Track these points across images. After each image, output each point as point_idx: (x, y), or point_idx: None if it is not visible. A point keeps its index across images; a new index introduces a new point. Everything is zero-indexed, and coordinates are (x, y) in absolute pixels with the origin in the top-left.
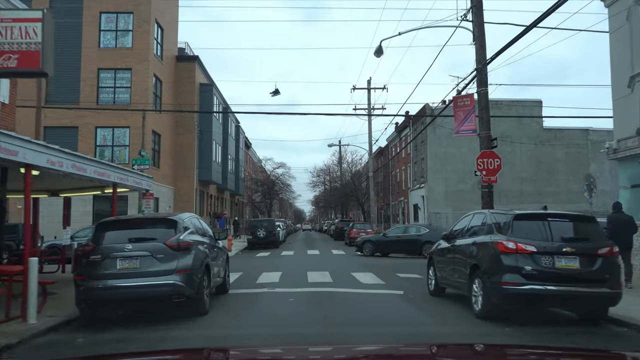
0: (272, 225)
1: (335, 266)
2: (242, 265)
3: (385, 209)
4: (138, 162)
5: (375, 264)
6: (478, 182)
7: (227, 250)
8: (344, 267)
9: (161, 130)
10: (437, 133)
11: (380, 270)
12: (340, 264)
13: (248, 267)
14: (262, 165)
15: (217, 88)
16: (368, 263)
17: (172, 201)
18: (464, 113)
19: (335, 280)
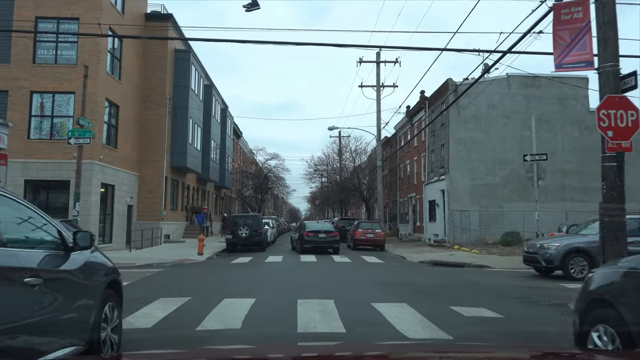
0: (257, 222)
1: (343, 287)
2: (200, 282)
3: (391, 206)
4: (75, 134)
5: (402, 283)
6: (527, 170)
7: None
8: (357, 289)
9: (120, 100)
10: (461, 115)
11: (416, 296)
12: (350, 282)
13: (207, 285)
14: (253, 156)
15: (196, 56)
16: (388, 280)
17: (136, 190)
18: (571, 33)
19: (348, 324)
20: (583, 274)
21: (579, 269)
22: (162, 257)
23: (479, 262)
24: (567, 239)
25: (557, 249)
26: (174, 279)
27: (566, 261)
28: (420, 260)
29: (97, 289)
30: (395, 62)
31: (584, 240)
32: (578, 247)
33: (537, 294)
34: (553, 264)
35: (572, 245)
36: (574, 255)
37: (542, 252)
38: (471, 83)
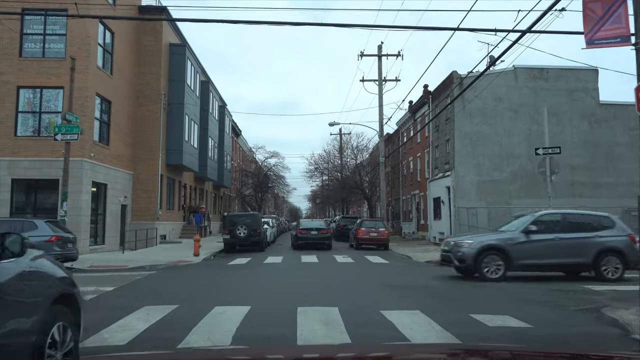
0: (255, 222)
1: (347, 291)
2: (192, 286)
3: (393, 204)
4: (62, 129)
5: (411, 285)
6: (540, 164)
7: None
8: (363, 293)
9: (112, 96)
10: (466, 109)
11: (429, 301)
12: (355, 286)
13: (198, 290)
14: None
15: (191, 51)
16: (396, 283)
17: (130, 189)
18: (604, 5)
19: (356, 337)
20: (498, 274)
21: (494, 268)
22: (156, 258)
23: None
24: (481, 237)
25: (470, 247)
26: (165, 283)
27: (479, 260)
28: (427, 260)
29: (38, 307)
30: (397, 55)
31: (500, 237)
32: (493, 245)
33: (561, 297)
34: (466, 262)
35: (487, 243)
36: (488, 253)
37: (455, 251)
38: (477, 76)
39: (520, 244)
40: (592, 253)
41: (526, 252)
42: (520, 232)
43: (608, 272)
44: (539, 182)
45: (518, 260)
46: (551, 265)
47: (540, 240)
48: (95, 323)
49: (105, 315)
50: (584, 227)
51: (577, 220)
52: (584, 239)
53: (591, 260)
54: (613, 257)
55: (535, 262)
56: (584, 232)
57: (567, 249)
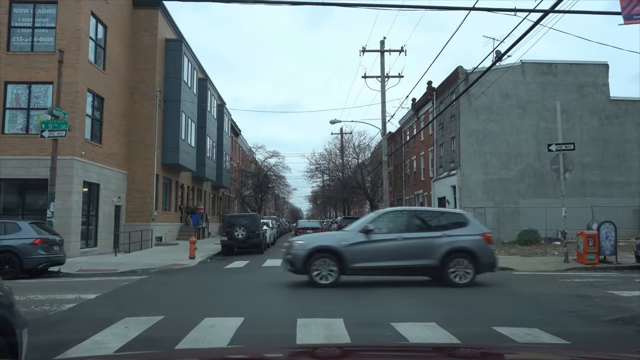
0: (254, 223)
1: (352, 298)
2: (182, 292)
3: (396, 205)
4: (49, 126)
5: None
6: (552, 161)
7: None
8: (370, 301)
9: (105, 92)
10: (472, 106)
11: (444, 311)
12: (360, 292)
13: (189, 297)
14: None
15: (188, 46)
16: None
17: (125, 189)
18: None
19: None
20: (329, 279)
21: (326, 272)
22: (150, 261)
23: (500, 264)
24: (314, 237)
25: (300, 249)
26: (154, 289)
27: (309, 263)
28: None
29: None
30: (400, 51)
31: (335, 238)
32: (325, 247)
33: (586, 304)
34: (295, 266)
35: (318, 244)
36: (320, 256)
37: (286, 253)
38: (483, 71)
39: (356, 245)
40: (439, 254)
41: (363, 254)
42: (358, 232)
43: (456, 276)
44: (548, 181)
45: (353, 263)
46: (392, 269)
47: (380, 241)
48: (65, 340)
49: (79, 329)
50: (433, 225)
51: (426, 217)
52: (431, 238)
53: (438, 262)
54: (463, 259)
55: (373, 265)
56: (432, 232)
57: (411, 250)
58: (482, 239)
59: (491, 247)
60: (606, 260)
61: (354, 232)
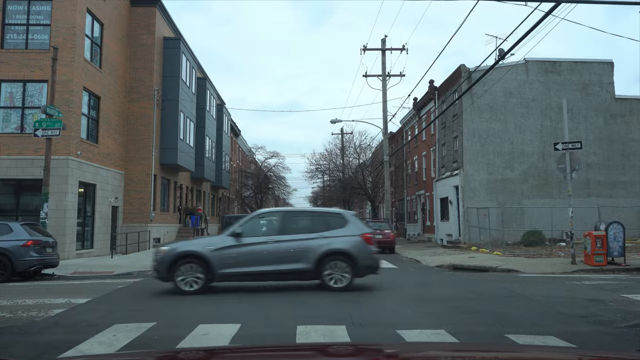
0: None
1: (355, 302)
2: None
3: (397, 205)
4: (43, 124)
5: (427, 295)
6: (559, 161)
7: None
8: (374, 305)
9: (101, 91)
10: (475, 105)
11: (453, 317)
12: (363, 296)
13: (184, 301)
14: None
15: (187, 45)
16: (410, 292)
17: (122, 190)
18: None
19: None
20: (194, 286)
21: (192, 279)
22: (146, 263)
23: (505, 266)
24: (183, 243)
25: (165, 255)
26: (148, 293)
27: (173, 269)
28: (438, 264)
29: None
30: (402, 49)
31: (203, 242)
32: (191, 252)
33: (601, 309)
34: (160, 274)
35: (183, 249)
36: (185, 262)
37: (153, 260)
38: (487, 69)
39: (225, 250)
40: (314, 257)
41: (232, 259)
42: (228, 236)
43: (332, 280)
44: (552, 181)
45: (222, 268)
46: (263, 274)
47: (250, 245)
48: (47, 349)
49: (64, 338)
50: (310, 226)
51: (302, 218)
52: (306, 240)
53: (312, 266)
54: (340, 262)
55: (243, 271)
56: (308, 233)
57: (284, 254)
58: (361, 240)
59: (371, 248)
60: (614, 261)
61: (224, 235)
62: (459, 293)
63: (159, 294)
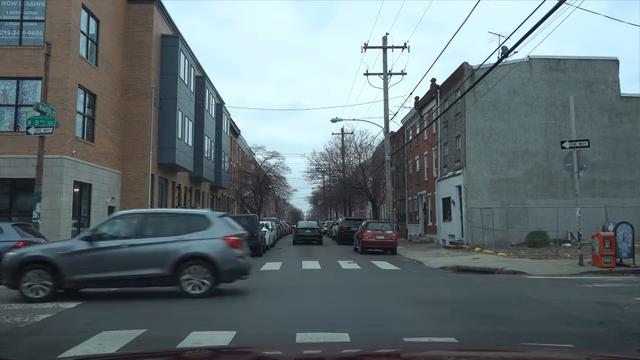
0: (252, 224)
1: (358, 307)
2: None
3: (398, 206)
4: (35, 122)
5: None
6: (566, 159)
7: None
8: (378, 310)
9: (97, 89)
10: (478, 103)
11: (463, 323)
12: (366, 300)
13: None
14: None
15: (185, 43)
16: (415, 296)
17: (119, 190)
18: None
19: None
20: (41, 294)
21: (38, 286)
22: None
23: (511, 268)
24: (32, 247)
25: (11, 259)
26: (141, 296)
27: (19, 276)
28: (442, 266)
29: None
30: (403, 47)
31: (52, 247)
32: (38, 257)
33: (620, 314)
34: (6, 280)
35: (30, 254)
36: (33, 267)
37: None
38: (490, 67)
39: (76, 255)
40: (172, 261)
41: (84, 264)
42: (80, 240)
43: (191, 286)
44: (557, 181)
45: (72, 275)
46: (118, 280)
47: (104, 249)
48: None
49: (46, 347)
50: (170, 229)
51: (163, 220)
52: (164, 244)
53: (169, 271)
54: (200, 267)
55: (96, 277)
56: (167, 236)
57: (139, 258)
58: (223, 243)
59: (237, 251)
60: (623, 263)
61: (76, 239)
62: (466, 296)
63: (154, 298)
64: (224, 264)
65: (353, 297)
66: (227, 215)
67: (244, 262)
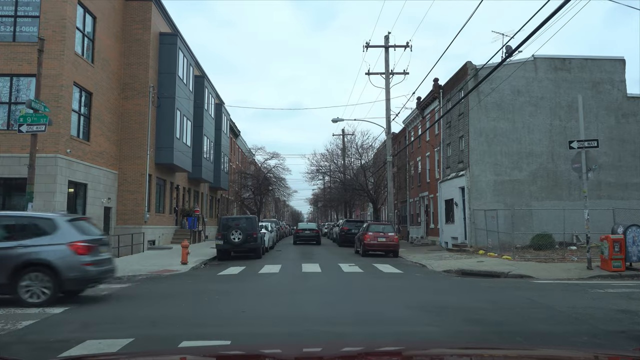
0: (251, 226)
1: (362, 316)
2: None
3: (399, 208)
4: (27, 119)
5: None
6: (574, 160)
7: None
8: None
9: (93, 87)
10: (482, 103)
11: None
12: (370, 306)
13: (171, 311)
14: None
15: (184, 41)
16: (419, 301)
17: (115, 190)
18: None
19: None
20: None
21: None
22: (138, 267)
23: (517, 271)
24: None
25: None
26: (134, 301)
27: None
28: (445, 269)
29: None
30: (405, 46)
31: None
32: None
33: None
34: None
35: None
36: None
37: None
38: (494, 66)
39: None
40: (9, 269)
41: None
42: None
43: (29, 293)
44: (562, 182)
45: None
46: None
47: None
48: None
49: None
50: (11, 233)
51: (4, 225)
52: (1, 250)
53: (6, 279)
54: (40, 274)
55: None
56: (6, 241)
57: None
58: (67, 249)
59: (83, 258)
60: (632, 267)
61: None
62: (474, 302)
63: (146, 303)
64: (68, 272)
65: (356, 302)
66: (80, 219)
67: (93, 270)
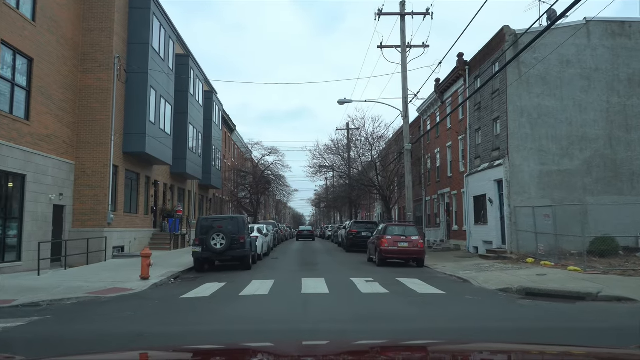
0: (237, 228)
1: None
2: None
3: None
4: None
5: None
6: (628, 147)
7: None
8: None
9: (36, 51)
10: (524, 77)
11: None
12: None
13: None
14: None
15: (160, 6)
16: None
17: (70, 184)
18: None
19: None
20: None
21: None
22: (80, 285)
23: (609, 292)
24: None
25: None
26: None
27: None
28: (501, 288)
29: None
30: (425, 14)
31: None
32: None
33: None
34: None
35: None
36: None
37: None
38: (540, 31)
39: None
40: None
41: None
42: None
43: None
44: (623, 173)
45: None
46: None
47: None
48: None
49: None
50: None
51: None
52: None
53: None
54: None
55: None
56: None
57: None
58: None
59: None
60: None
61: None
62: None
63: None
64: None
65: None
66: None
67: None
